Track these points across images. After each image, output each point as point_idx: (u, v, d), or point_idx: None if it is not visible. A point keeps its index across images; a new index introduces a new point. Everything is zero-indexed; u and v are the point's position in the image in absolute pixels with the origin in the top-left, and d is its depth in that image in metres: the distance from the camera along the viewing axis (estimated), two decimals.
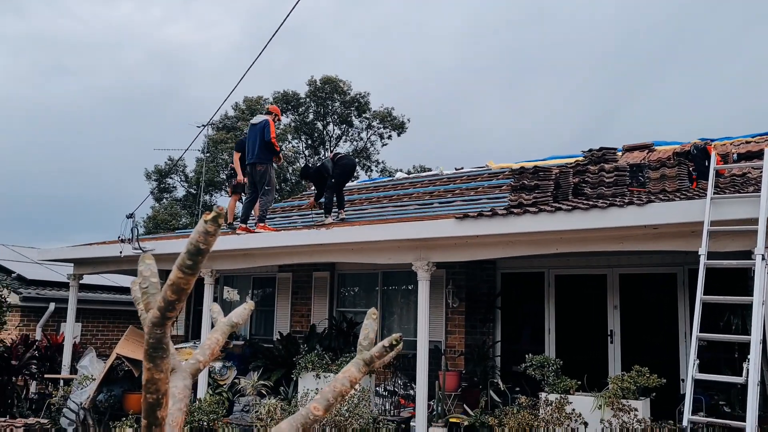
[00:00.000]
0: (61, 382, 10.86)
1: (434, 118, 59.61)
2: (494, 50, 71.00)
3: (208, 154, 31.88)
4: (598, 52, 74.59)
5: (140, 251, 9.92)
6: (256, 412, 8.70)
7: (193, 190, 33.23)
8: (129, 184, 61.32)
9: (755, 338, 5.38)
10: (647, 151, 11.30)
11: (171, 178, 34.07)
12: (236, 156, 10.86)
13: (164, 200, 34.31)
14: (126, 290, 15.43)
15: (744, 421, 5.14)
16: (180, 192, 34.47)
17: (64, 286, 13.48)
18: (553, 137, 60.35)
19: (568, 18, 72.40)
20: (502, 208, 7.64)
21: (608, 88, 73.36)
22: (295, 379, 9.12)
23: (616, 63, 75.56)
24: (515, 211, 7.14)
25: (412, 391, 9.06)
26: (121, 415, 9.80)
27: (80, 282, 11.83)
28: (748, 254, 5.85)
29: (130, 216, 9.68)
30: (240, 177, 10.75)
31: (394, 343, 1.36)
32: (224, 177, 33.25)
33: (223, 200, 45.29)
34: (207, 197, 31.92)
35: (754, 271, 5.69)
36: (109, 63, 67.14)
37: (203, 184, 25.83)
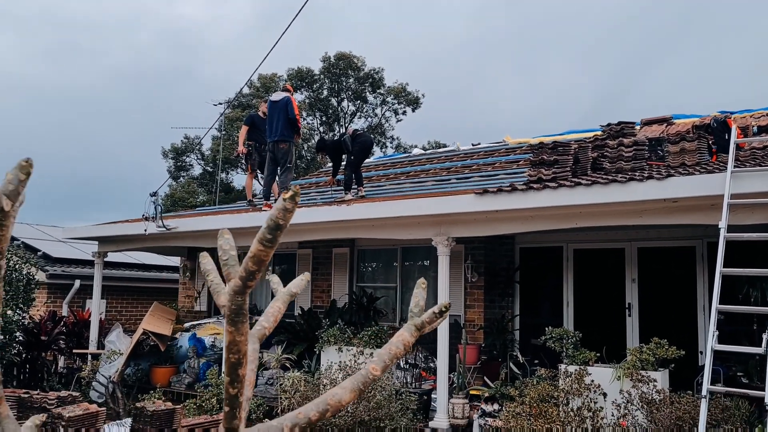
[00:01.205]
0: (89, 356, 11.15)
1: (449, 93, 59.26)
2: (508, 23, 70.17)
3: (224, 132, 32.00)
4: (613, 24, 73.55)
5: (164, 229, 10.12)
6: (281, 384, 8.92)
7: (209, 168, 33.45)
8: (146, 162, 61.90)
9: None
10: (666, 124, 11.27)
11: (188, 156, 34.28)
12: (244, 129, 10.94)
13: (181, 178, 34.55)
14: (149, 267, 15.72)
15: (763, 390, 5.24)
16: (197, 170, 34.71)
17: (88, 263, 13.75)
18: (569, 111, 59.89)
19: None
20: (522, 183, 7.71)
21: (624, 61, 72.44)
22: (317, 352, 9.31)
23: (631, 35, 74.50)
24: (535, 186, 7.21)
25: (432, 364, 9.23)
26: (148, 388, 10.08)
27: (104, 260, 12.06)
28: (767, 227, 5.91)
29: (154, 194, 9.84)
30: (241, 148, 10.88)
31: (444, 309, 1.47)
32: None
33: (239, 178, 45.56)
34: (223, 175, 32.11)
35: None
36: (121, 42, 67.32)
37: (220, 163, 25.97)
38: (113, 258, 13.75)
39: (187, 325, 11.86)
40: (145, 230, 10.01)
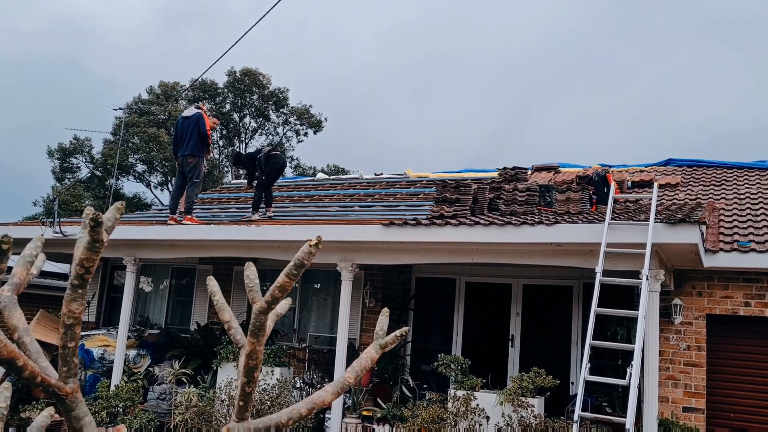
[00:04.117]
0: None
1: (349, 119, 60.24)
2: (408, 57, 72.49)
3: (117, 137, 30.95)
4: (504, 66, 77.71)
5: (61, 235, 9.87)
6: (174, 399, 8.92)
7: (98, 172, 32.16)
8: (23, 159, 58.15)
9: (638, 346, 6.27)
10: (554, 172, 12.32)
11: (75, 158, 32.80)
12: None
13: (66, 180, 32.96)
14: (40, 274, 14.98)
15: (624, 418, 5.99)
16: (84, 173, 33.24)
17: None
18: (462, 144, 62.47)
19: (480, 32, 75.00)
20: (425, 218, 8.28)
21: (515, 101, 76.58)
22: (215, 368, 9.38)
23: (522, 79, 79.01)
24: (438, 222, 7.79)
25: (326, 384, 9.54)
26: (30, 399, 9.71)
27: None
28: (635, 274, 6.76)
29: (54, 199, 9.60)
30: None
31: (404, 333, 1.87)
32: (133, 161, 32.44)
33: (130, 185, 43.82)
34: (114, 181, 30.97)
35: (640, 288, 6.59)
36: (3, 24, 63.35)
37: (116, 169, 25.12)
38: None
39: None
40: (42, 235, 9.70)
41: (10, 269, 1.57)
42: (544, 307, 10.06)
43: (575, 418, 6.10)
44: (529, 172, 12.46)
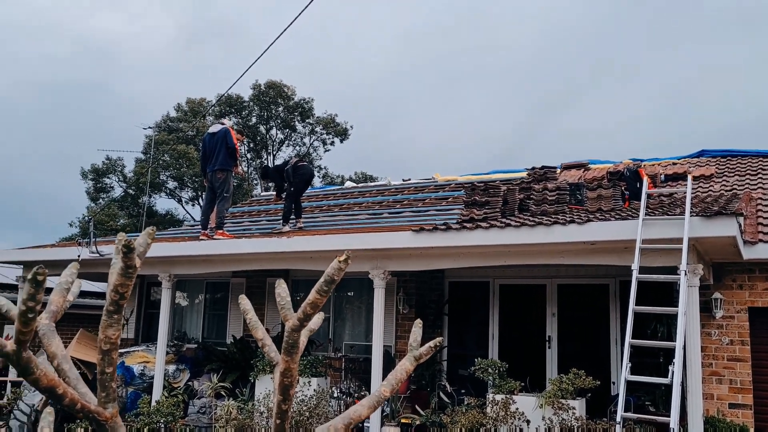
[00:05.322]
0: (8, 385, 10.81)
1: (374, 125, 60.44)
2: (426, 58, 72.50)
3: (148, 155, 31.45)
4: (531, 63, 77.18)
5: (98, 255, 10.05)
6: (213, 413, 9.00)
7: (131, 191, 32.71)
8: (56, 179, 59.39)
9: (679, 344, 6.14)
10: (583, 169, 12.17)
11: (109, 177, 33.42)
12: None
13: (100, 200, 33.58)
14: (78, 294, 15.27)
15: (668, 417, 5.86)
16: (117, 192, 33.83)
17: (8, 287, 13.32)
18: (488, 145, 62.12)
19: (504, 28, 74.66)
20: (455, 222, 8.23)
21: (541, 99, 75.97)
22: (252, 381, 9.44)
23: (549, 75, 78.39)
24: (468, 225, 7.74)
25: (363, 393, 9.53)
26: (73, 418, 9.88)
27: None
28: (673, 270, 6.62)
29: (90, 220, 9.78)
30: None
31: (438, 344, 1.86)
32: (164, 178, 32.96)
33: (162, 202, 44.54)
34: (147, 198, 31.46)
35: (679, 285, 6.46)
36: (33, 52, 64.90)
37: (148, 187, 25.50)
38: None
39: None
40: (79, 256, 9.91)
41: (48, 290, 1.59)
42: (581, 306, 9.92)
43: (618, 419, 5.99)
44: (558, 171, 12.33)
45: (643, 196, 7.35)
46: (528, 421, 7.34)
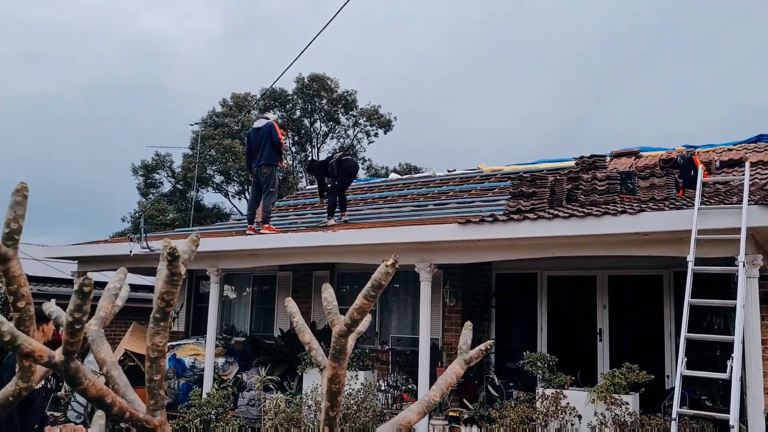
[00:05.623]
0: None
1: (418, 115, 60.18)
2: (473, 48, 71.70)
3: (195, 150, 32.00)
4: (577, 49, 75.63)
5: (148, 250, 10.25)
6: (263, 406, 9.10)
7: (179, 186, 33.35)
8: (105, 176, 61.06)
9: (738, 338, 5.91)
10: (635, 157, 11.83)
11: (158, 173, 34.14)
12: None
13: (150, 195, 34.34)
14: (131, 287, 15.68)
15: (727, 413, 5.65)
16: (166, 187, 34.55)
17: (64, 282, 13.72)
18: (536, 133, 61.22)
19: (549, 15, 73.35)
20: (502, 213, 8.10)
21: (589, 85, 74.43)
22: (300, 374, 9.51)
23: (597, 60, 76.68)
24: (515, 217, 7.60)
25: (410, 386, 9.51)
26: None
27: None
28: (730, 261, 6.38)
29: (140, 216, 9.97)
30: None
31: (488, 347, 1.79)
32: (211, 173, 33.54)
33: (209, 196, 45.26)
34: (194, 193, 32.04)
35: (737, 276, 6.21)
36: (84, 53, 66.69)
37: (195, 181, 25.96)
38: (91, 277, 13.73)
39: None
40: (131, 251, 10.13)
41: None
42: (633, 298, 9.68)
43: (673, 415, 5.81)
44: (608, 159, 12.01)
45: (698, 185, 7.10)
46: (579, 416, 7.20)
